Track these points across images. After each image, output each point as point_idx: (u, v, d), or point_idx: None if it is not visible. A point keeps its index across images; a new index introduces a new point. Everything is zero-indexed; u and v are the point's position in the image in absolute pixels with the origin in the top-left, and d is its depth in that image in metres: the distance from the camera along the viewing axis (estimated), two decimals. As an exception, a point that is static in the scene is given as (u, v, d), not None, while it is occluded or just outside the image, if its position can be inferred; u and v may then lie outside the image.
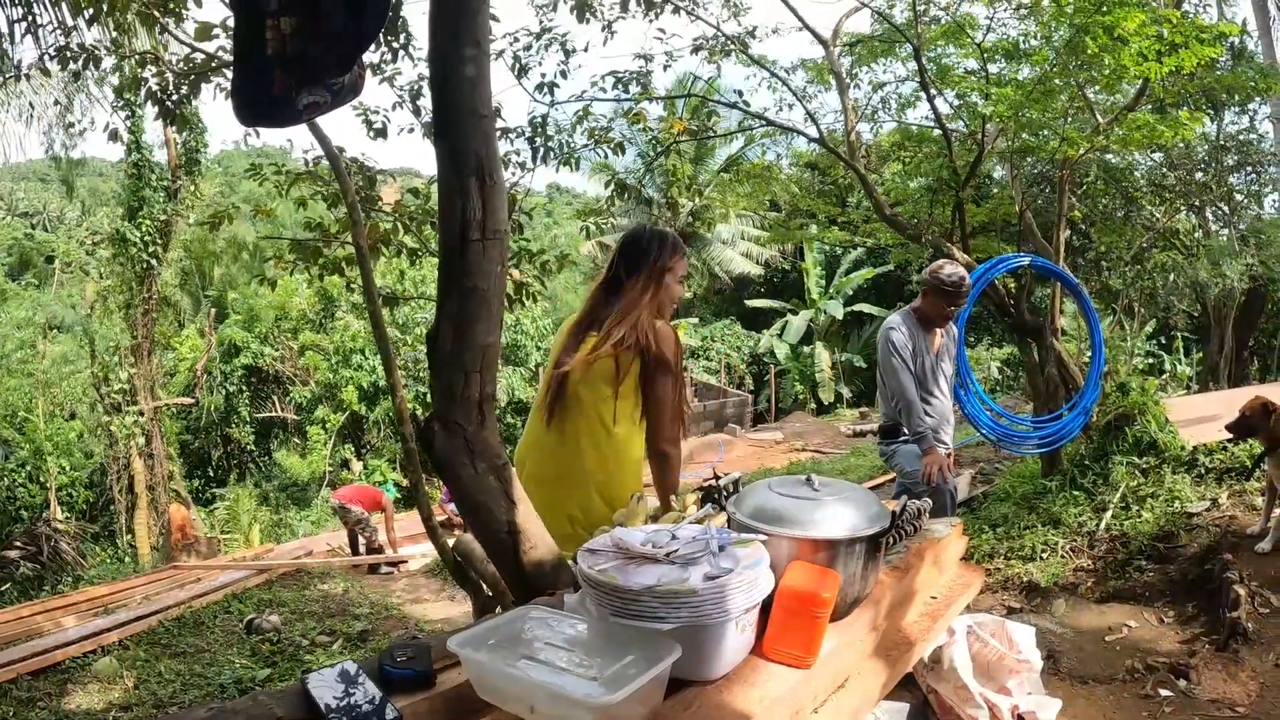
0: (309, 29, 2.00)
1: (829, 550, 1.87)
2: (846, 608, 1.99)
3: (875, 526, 1.94)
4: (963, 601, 2.80)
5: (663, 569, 1.70)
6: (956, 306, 5.23)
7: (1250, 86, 9.61)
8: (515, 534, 2.28)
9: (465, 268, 2.17)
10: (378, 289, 9.21)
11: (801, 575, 1.78)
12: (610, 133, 7.67)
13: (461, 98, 2.20)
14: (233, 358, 24.76)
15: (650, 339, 3.00)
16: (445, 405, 2.23)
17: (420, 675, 1.72)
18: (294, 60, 2.02)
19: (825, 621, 1.78)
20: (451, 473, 2.27)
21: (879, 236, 12.09)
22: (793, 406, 28.36)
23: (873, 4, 9.27)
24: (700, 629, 1.62)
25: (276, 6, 1.99)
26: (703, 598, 1.60)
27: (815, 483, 2.01)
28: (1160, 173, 16.09)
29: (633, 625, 1.64)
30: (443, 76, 2.25)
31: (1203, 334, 20.93)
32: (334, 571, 11.43)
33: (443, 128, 2.23)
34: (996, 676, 2.99)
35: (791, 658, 1.77)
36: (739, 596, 1.64)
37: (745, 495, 2.04)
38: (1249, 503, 6.09)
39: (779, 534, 1.86)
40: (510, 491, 2.29)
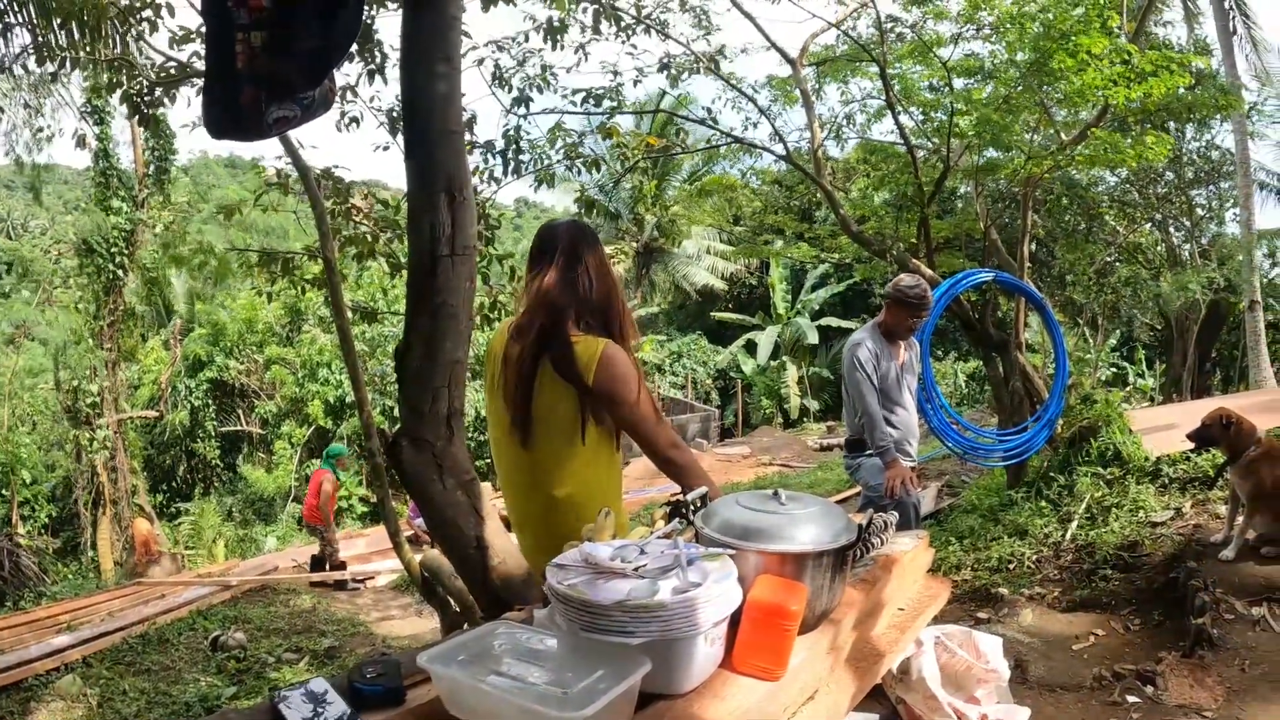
0: (279, 44, 2.00)
1: (796, 563, 1.88)
2: (815, 620, 2.01)
3: (841, 540, 1.96)
4: (930, 613, 2.83)
5: (632, 583, 1.71)
6: (919, 318, 5.29)
7: (1211, 105, 9.80)
8: (484, 548, 2.29)
9: (435, 284, 2.19)
10: (354, 303, 9.22)
11: (769, 588, 1.80)
12: (582, 148, 7.71)
13: (432, 114, 2.22)
14: (198, 371, 24.54)
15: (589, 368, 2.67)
16: (414, 421, 2.24)
17: (390, 692, 1.72)
18: (264, 75, 2.02)
19: (794, 634, 1.80)
20: (420, 488, 2.27)
21: (845, 252, 12.19)
22: (760, 421, 28.45)
23: (839, 24, 9.37)
24: (670, 643, 1.63)
25: (247, 21, 1.99)
26: (672, 612, 1.61)
27: (782, 497, 2.03)
28: (1123, 188, 16.33)
29: (602, 640, 1.64)
30: (413, 93, 2.27)
31: (1166, 346, 21.23)
32: (300, 588, 11.34)
33: (413, 144, 2.25)
34: (965, 686, 3.02)
35: (761, 670, 1.79)
36: (708, 610, 1.65)
37: (713, 510, 2.05)
38: (1213, 511, 6.20)
39: (747, 548, 1.88)
40: (478, 506, 2.30)
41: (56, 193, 44.06)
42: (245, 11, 1.97)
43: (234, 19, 1.97)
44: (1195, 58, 8.25)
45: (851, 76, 9.67)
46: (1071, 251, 15.23)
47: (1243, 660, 4.30)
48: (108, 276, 19.03)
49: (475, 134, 7.18)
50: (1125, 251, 18.66)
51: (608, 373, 2.65)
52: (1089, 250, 15.35)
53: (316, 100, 2.13)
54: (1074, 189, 13.90)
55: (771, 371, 28.98)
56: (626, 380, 2.69)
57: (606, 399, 2.68)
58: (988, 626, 5.42)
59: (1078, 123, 9.04)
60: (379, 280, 21.18)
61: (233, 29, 1.98)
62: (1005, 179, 9.59)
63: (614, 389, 2.67)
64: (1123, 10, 8.53)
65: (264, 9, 1.97)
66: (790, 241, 15.76)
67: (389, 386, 20.49)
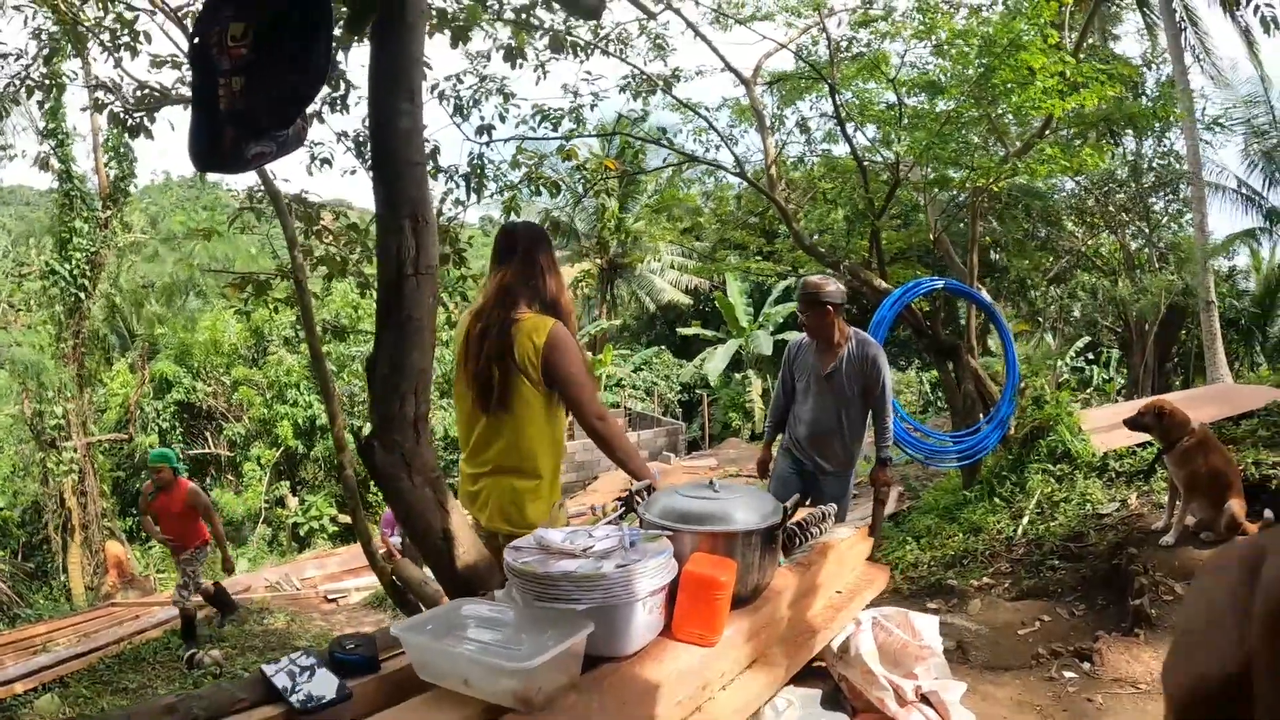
0: (257, 87, 2.23)
1: (727, 542, 2.12)
2: (749, 594, 2.24)
3: (768, 521, 2.20)
4: (867, 596, 3.05)
5: (580, 561, 1.94)
6: (805, 314, 5.39)
7: (1149, 115, 10.14)
8: (450, 540, 2.51)
9: (401, 300, 2.40)
10: (324, 321, 9.38)
11: (702, 563, 2.03)
12: (542, 169, 7.91)
13: (397, 147, 2.43)
14: (165, 393, 24.41)
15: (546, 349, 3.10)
16: (384, 425, 2.45)
17: (367, 660, 1.95)
18: (244, 115, 2.24)
19: (725, 603, 2.02)
20: (391, 486, 2.49)
21: (803, 266, 12.44)
22: (725, 434, 28.62)
23: (791, 45, 9.63)
24: (611, 609, 1.86)
25: (229, 67, 2.21)
26: (613, 581, 1.85)
27: (716, 486, 2.27)
28: (1080, 196, 16.64)
29: (552, 607, 1.87)
30: (380, 128, 2.49)
31: (1126, 348, 21.60)
32: (273, 606, 11.43)
33: (380, 174, 2.46)
34: (903, 663, 3.23)
35: (696, 637, 2.02)
36: (645, 581, 1.89)
37: (655, 499, 2.29)
38: (1155, 501, 6.43)
39: (683, 529, 2.12)
40: (444, 502, 2.52)
41: (19, 214, 43.59)
42: (227, 59, 2.20)
43: (217, 67, 2.20)
44: (1126, 68, 8.53)
45: (806, 95, 9.93)
46: (1020, 259, 15.56)
47: (1179, 637, 4.53)
48: (71, 299, 18.96)
49: (439, 161, 7.40)
50: (1085, 256, 19.06)
51: (555, 346, 3.08)
52: (1037, 257, 15.67)
53: (290, 137, 2.36)
54: (1030, 197, 14.20)
55: (736, 384, 29.17)
56: (569, 352, 3.12)
57: (552, 368, 3.08)
58: (938, 616, 5.61)
59: (1026, 134, 9.34)
60: (346, 298, 21.24)
61: (215, 75, 2.21)
62: (955, 190, 9.86)
63: (559, 359, 3.08)
64: (1064, 26, 8.87)
65: (242, 56, 2.20)
66: (750, 257, 15.98)
67: (358, 407, 20.48)
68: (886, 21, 9.03)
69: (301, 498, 23.42)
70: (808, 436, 5.43)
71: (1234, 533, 5.20)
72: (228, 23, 2.21)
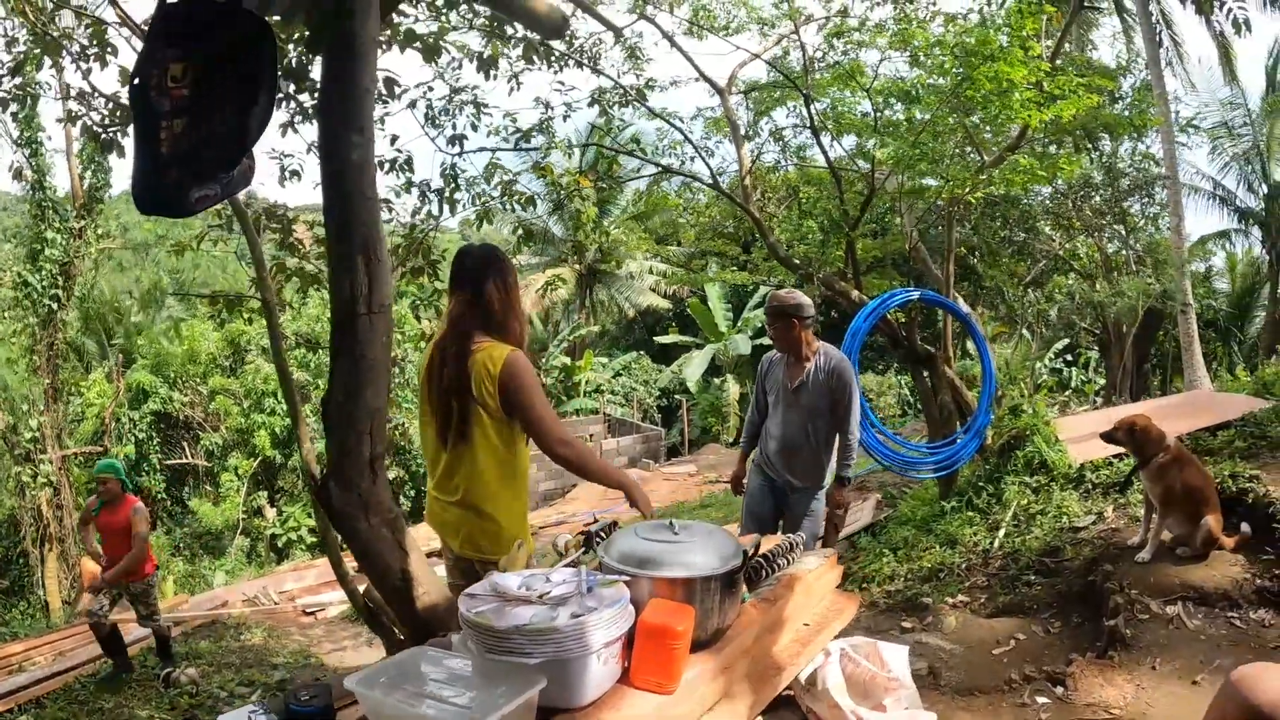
0: (199, 129, 2.17)
1: (685, 588, 2.09)
2: (709, 638, 2.20)
3: (728, 565, 2.16)
4: (835, 627, 3.01)
5: (534, 609, 1.90)
6: (773, 327, 5.39)
7: (1127, 124, 10.17)
8: (409, 580, 2.46)
9: (355, 338, 2.36)
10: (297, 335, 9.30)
11: (659, 611, 2.00)
12: (517, 185, 7.85)
13: (348, 180, 2.39)
14: (141, 404, 24.16)
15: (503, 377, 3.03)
16: (340, 464, 2.41)
17: (321, 712, 1.90)
18: (186, 157, 2.19)
19: (683, 651, 1.99)
20: (348, 526, 2.44)
21: (779, 275, 12.42)
22: (705, 439, 28.60)
23: (765, 55, 9.61)
24: (565, 661, 1.83)
25: (169, 109, 2.16)
26: (565, 634, 1.81)
27: (676, 527, 2.24)
28: (1057, 200, 16.69)
29: (505, 660, 1.83)
30: (330, 160, 2.43)
31: (1105, 350, 21.71)
32: (250, 622, 11.32)
33: (331, 209, 2.41)
34: (872, 694, 3.20)
35: (653, 684, 1.98)
36: (599, 632, 1.85)
37: (614, 540, 2.25)
38: (1132, 514, 6.39)
39: (641, 575, 2.08)
40: (403, 542, 2.47)
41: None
42: (168, 100, 2.14)
43: (157, 108, 2.14)
44: (1103, 80, 8.54)
45: (781, 105, 9.92)
46: (993, 268, 15.61)
47: (1154, 658, 4.47)
48: (44, 310, 18.76)
49: (412, 173, 7.34)
50: (1063, 260, 19.13)
51: (511, 375, 2.99)
52: (1013, 264, 15.72)
53: (236, 178, 2.30)
54: (1007, 203, 14.23)
55: (715, 389, 29.17)
56: (525, 380, 3.02)
57: (509, 398, 3.00)
58: (911, 635, 5.60)
59: (1003, 143, 9.33)
60: (322, 310, 21.08)
61: (157, 117, 2.15)
62: (931, 199, 9.84)
63: (515, 388, 2.99)
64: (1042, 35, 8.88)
65: (183, 98, 2.14)
66: (726, 266, 15.97)
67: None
68: (861, 31, 9.02)
69: (279, 508, 23.24)
70: (777, 451, 5.41)
71: (1210, 548, 5.19)
72: (167, 63, 2.16)
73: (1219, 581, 4.98)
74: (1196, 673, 4.26)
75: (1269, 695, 1.69)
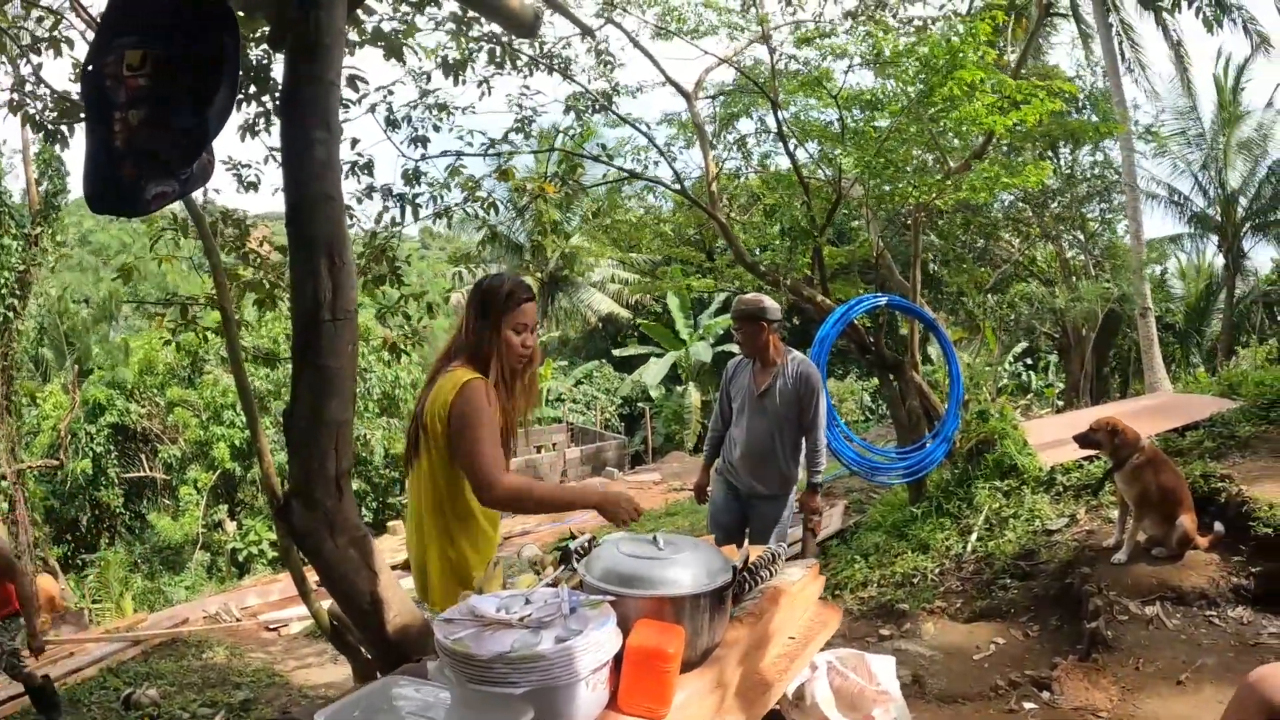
0: (156, 122, 2.04)
1: (674, 607, 1.98)
2: (698, 658, 2.09)
3: (717, 582, 2.05)
4: (821, 640, 2.92)
5: (516, 634, 1.78)
6: (739, 330, 5.33)
7: (1092, 131, 10.24)
8: (378, 604, 2.33)
9: (318, 348, 2.23)
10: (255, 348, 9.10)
11: (647, 633, 1.88)
12: (480, 189, 7.74)
13: (311, 181, 2.26)
14: (98, 416, 23.70)
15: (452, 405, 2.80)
16: (304, 482, 2.28)
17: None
18: (142, 152, 2.05)
19: (673, 674, 1.88)
20: (313, 547, 2.31)
21: (744, 282, 12.39)
22: (668, 446, 28.56)
23: (733, 60, 9.58)
24: (552, 690, 1.71)
25: (124, 100, 2.02)
26: (551, 661, 1.69)
27: (660, 542, 2.12)
28: (1017, 207, 16.83)
29: (488, 691, 1.71)
30: (293, 158, 2.31)
31: (1064, 353, 21.91)
32: (213, 639, 11.08)
33: (293, 210, 2.28)
34: (860, 707, 3.13)
35: (644, 710, 1.87)
36: (586, 658, 1.74)
37: (595, 557, 2.13)
38: (1105, 515, 6.40)
39: (627, 595, 1.97)
40: (371, 562, 2.34)
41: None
42: (123, 91, 2.01)
43: (112, 99, 2.00)
44: (1065, 85, 8.57)
45: (749, 111, 9.89)
46: (957, 275, 15.70)
47: (1137, 659, 4.46)
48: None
49: (373, 177, 7.20)
50: (1023, 265, 19.29)
51: (459, 403, 2.75)
52: (973, 272, 15.83)
53: (194, 174, 2.17)
54: (969, 211, 14.30)
55: (677, 396, 29.15)
56: (469, 409, 2.76)
57: (452, 425, 2.76)
58: (891, 642, 5.55)
59: (968, 150, 9.35)
60: (281, 324, 20.78)
61: (111, 108, 2.01)
62: (898, 205, 9.84)
63: (455, 417, 2.74)
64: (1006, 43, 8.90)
65: (140, 88, 2.01)
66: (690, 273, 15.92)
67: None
68: (829, 39, 9.00)
69: (240, 521, 22.86)
70: (742, 458, 5.33)
71: (1186, 548, 5.21)
72: (124, 51, 2.03)
73: (1196, 581, 5.00)
74: (1180, 672, 4.26)
75: None
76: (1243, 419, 7.40)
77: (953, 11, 9.26)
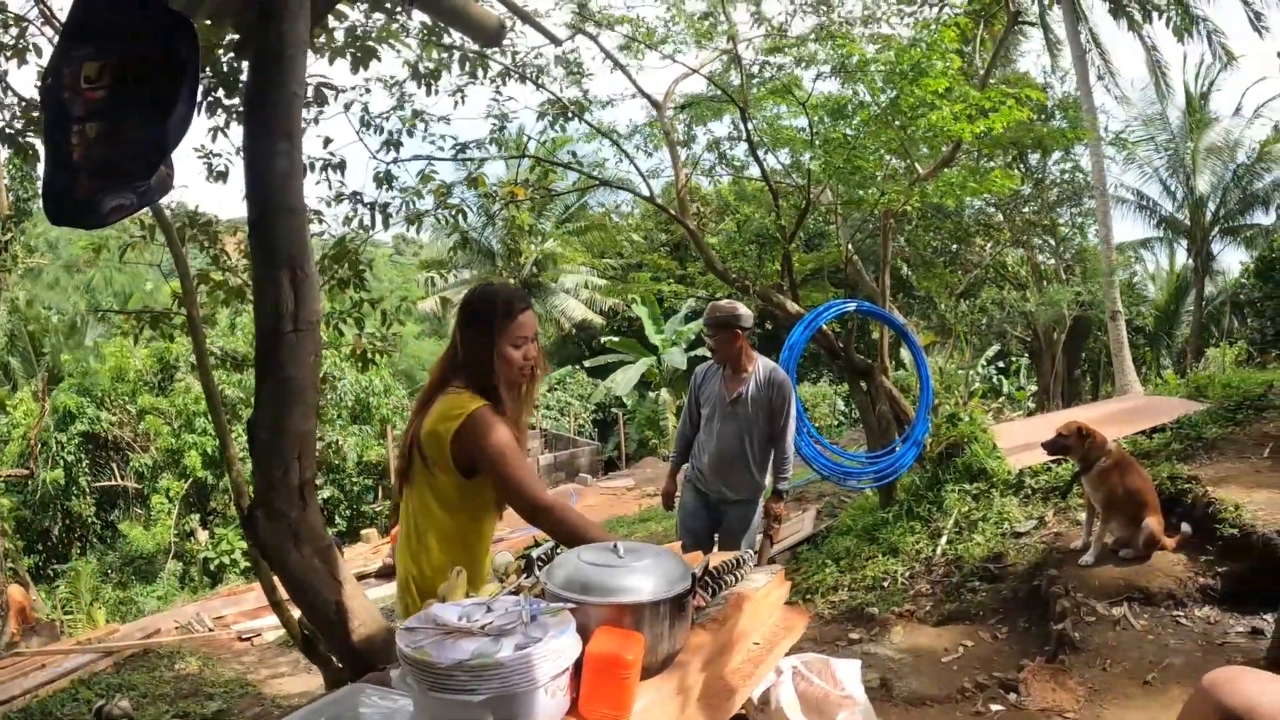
0: (114, 134, 2.04)
1: (634, 614, 1.99)
2: (659, 665, 2.11)
3: (677, 588, 2.07)
4: (786, 644, 2.94)
5: (477, 642, 1.80)
6: (713, 337, 5.35)
7: (1061, 138, 10.34)
8: (343, 613, 2.34)
9: (280, 358, 2.24)
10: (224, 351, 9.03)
11: (607, 640, 1.90)
12: (451, 197, 7.73)
13: (273, 192, 2.26)
14: (69, 424, 23.41)
15: (461, 433, 2.69)
16: (267, 492, 2.28)
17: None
18: (100, 165, 2.05)
19: (633, 681, 1.90)
20: (278, 558, 2.31)
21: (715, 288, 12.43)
22: (642, 452, 28.56)
23: (704, 70, 9.61)
24: (511, 697, 1.72)
25: (82, 113, 2.03)
26: (510, 668, 1.71)
27: (621, 550, 2.14)
28: (987, 213, 16.97)
29: (448, 699, 1.72)
30: (255, 169, 2.31)
31: (1036, 357, 22.09)
32: (185, 650, 11.00)
33: (255, 221, 2.29)
34: (825, 712, 3.14)
35: (604, 716, 1.88)
36: (545, 665, 1.75)
37: (557, 565, 2.14)
38: (1073, 518, 6.49)
39: (587, 602, 1.98)
40: (336, 573, 2.35)
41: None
42: (80, 103, 2.01)
43: (70, 111, 2.01)
44: (1033, 92, 8.65)
45: (718, 118, 9.94)
46: (928, 280, 15.80)
47: (1104, 660, 4.52)
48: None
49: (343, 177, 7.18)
50: (993, 270, 19.43)
51: (473, 433, 2.66)
52: (945, 278, 15.93)
53: (153, 187, 2.17)
54: (941, 215, 14.39)
55: (650, 403, 29.16)
56: (489, 447, 2.67)
57: (472, 456, 2.68)
58: (860, 646, 5.59)
59: (939, 156, 9.42)
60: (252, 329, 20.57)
61: (69, 121, 2.01)
62: (867, 211, 9.90)
63: (476, 442, 2.65)
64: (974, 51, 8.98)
65: (98, 100, 2.01)
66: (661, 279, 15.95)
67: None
68: (797, 49, 9.05)
69: (212, 530, 22.66)
70: (711, 465, 5.37)
71: (1152, 549, 5.28)
72: (81, 63, 2.03)
73: (1163, 581, 5.07)
74: (1147, 672, 4.31)
75: (1241, 699, 1.67)
76: (1210, 421, 7.50)
77: (920, 21, 9.34)
